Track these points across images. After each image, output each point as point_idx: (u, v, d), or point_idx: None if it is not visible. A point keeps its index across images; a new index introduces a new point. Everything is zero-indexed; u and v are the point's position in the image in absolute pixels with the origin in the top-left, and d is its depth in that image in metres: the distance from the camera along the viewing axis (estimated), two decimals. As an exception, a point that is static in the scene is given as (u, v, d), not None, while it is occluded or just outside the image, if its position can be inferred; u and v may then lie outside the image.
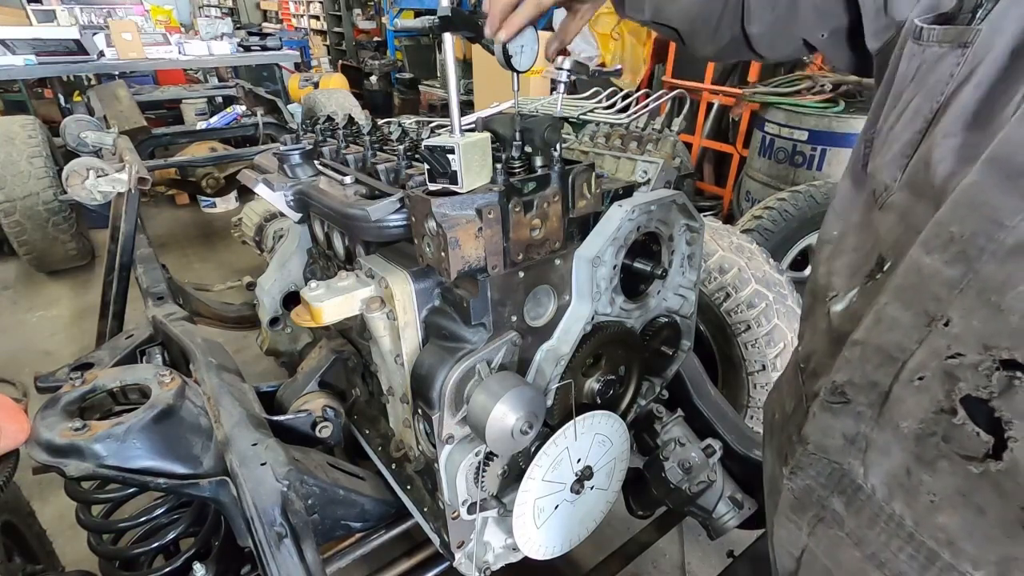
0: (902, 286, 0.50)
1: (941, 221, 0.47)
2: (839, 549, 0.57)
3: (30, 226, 3.37)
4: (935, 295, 0.47)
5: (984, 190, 0.44)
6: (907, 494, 0.50)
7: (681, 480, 1.28)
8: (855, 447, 0.54)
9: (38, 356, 3.04)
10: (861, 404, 0.53)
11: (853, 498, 0.55)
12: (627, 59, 5.26)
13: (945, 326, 0.46)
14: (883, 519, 0.52)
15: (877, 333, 0.52)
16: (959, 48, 0.50)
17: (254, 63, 5.50)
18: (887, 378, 0.51)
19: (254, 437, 1.09)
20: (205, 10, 9.58)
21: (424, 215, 0.87)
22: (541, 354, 1.07)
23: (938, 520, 0.48)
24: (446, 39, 0.88)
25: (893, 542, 0.52)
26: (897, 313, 0.50)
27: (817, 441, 0.58)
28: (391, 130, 1.53)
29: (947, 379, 0.46)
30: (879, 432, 0.52)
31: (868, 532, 0.54)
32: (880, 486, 0.53)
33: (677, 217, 1.13)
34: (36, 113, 5.12)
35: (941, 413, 0.47)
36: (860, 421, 0.54)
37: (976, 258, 0.44)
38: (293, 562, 0.97)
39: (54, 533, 1.52)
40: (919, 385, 0.48)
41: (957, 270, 0.45)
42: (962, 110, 0.49)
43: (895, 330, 0.50)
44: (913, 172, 0.54)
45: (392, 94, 8.42)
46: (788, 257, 2.63)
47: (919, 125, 0.54)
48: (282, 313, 1.57)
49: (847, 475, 0.55)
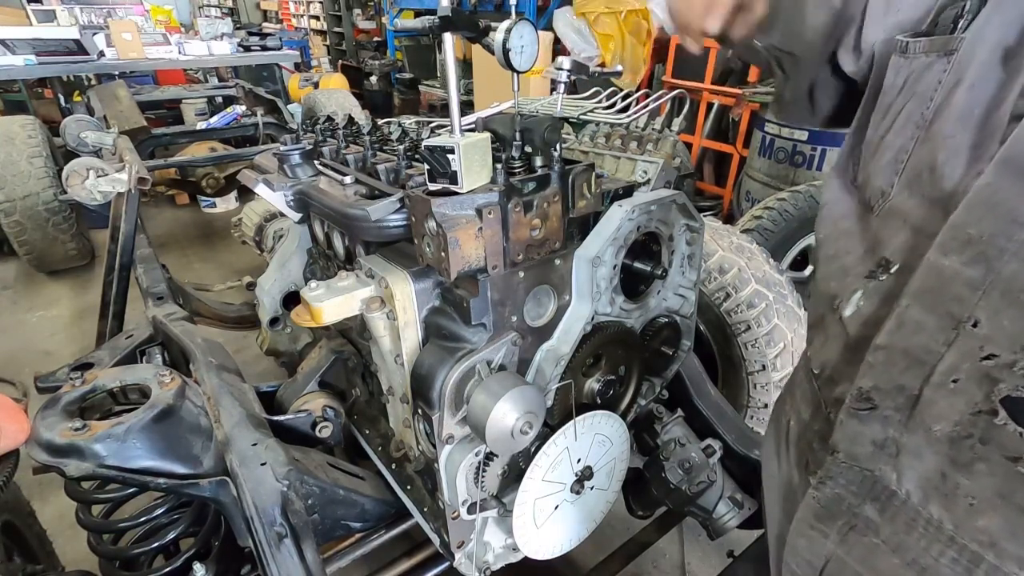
0: (922, 289, 0.50)
1: (957, 223, 0.48)
2: (875, 556, 0.56)
3: (30, 226, 3.36)
4: (957, 297, 0.47)
5: (999, 191, 0.45)
6: (944, 498, 0.50)
7: (681, 480, 1.28)
8: (885, 452, 0.54)
9: (38, 356, 3.04)
10: (889, 409, 0.53)
11: (887, 504, 0.55)
12: (627, 59, 5.26)
13: (974, 327, 0.46)
14: (921, 524, 0.52)
15: (901, 337, 0.52)
16: (945, 56, 0.54)
17: (254, 63, 5.50)
18: (916, 381, 0.51)
19: (254, 437, 1.09)
20: (205, 10, 9.57)
21: (424, 215, 0.87)
22: (541, 354, 1.07)
23: (979, 523, 0.48)
24: (446, 39, 0.88)
25: (934, 547, 0.51)
26: (920, 316, 0.50)
27: (846, 449, 0.58)
28: (391, 130, 1.53)
29: (985, 381, 0.46)
30: (909, 436, 0.52)
31: (906, 538, 0.53)
32: (915, 491, 0.52)
33: (677, 217, 1.13)
34: (36, 113, 5.12)
35: (979, 415, 0.47)
36: (888, 426, 0.53)
37: (996, 258, 0.45)
38: (293, 562, 0.98)
39: (54, 533, 1.52)
40: (953, 388, 0.48)
41: (977, 271, 0.46)
42: (959, 110, 0.51)
43: (920, 333, 0.50)
44: (913, 176, 0.55)
45: (392, 94, 8.41)
46: (788, 257, 2.63)
47: (911, 131, 0.57)
48: (282, 313, 1.57)
49: (879, 481, 0.55)
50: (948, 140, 0.51)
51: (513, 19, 0.90)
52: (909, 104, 0.58)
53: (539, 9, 6.74)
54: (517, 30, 0.91)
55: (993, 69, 0.49)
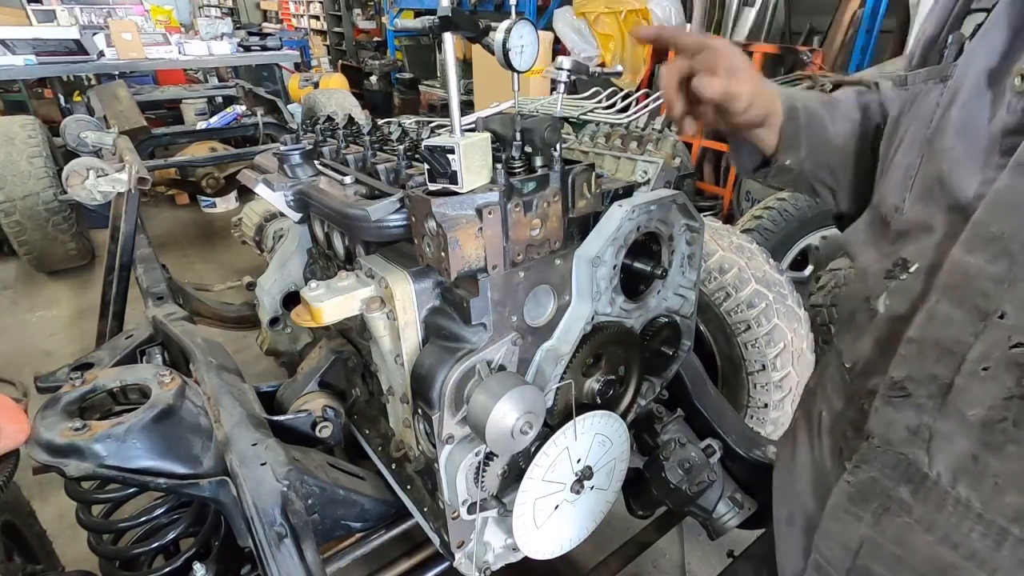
0: (949, 284, 0.55)
1: (979, 222, 0.52)
2: (909, 535, 0.60)
3: (30, 226, 3.37)
4: (983, 291, 0.52)
5: (1018, 191, 0.50)
6: (972, 478, 0.54)
7: (681, 480, 1.29)
8: (919, 437, 0.58)
9: (38, 356, 3.04)
10: (922, 397, 0.57)
11: (920, 486, 0.58)
12: (627, 59, 5.26)
13: (1000, 319, 0.50)
14: (950, 503, 0.56)
15: (931, 329, 0.56)
16: (941, 82, 0.63)
17: (254, 63, 5.50)
18: (948, 370, 0.55)
19: (254, 437, 1.09)
20: (205, 10, 9.57)
21: (424, 215, 0.87)
22: (541, 354, 1.07)
23: (1005, 500, 0.52)
24: (446, 39, 0.88)
25: (964, 523, 0.55)
26: (948, 310, 0.55)
27: (882, 434, 0.62)
28: (391, 130, 1.53)
29: (1015, 368, 0.50)
30: (942, 422, 0.56)
31: (938, 516, 0.57)
32: (945, 472, 0.56)
33: (677, 217, 1.13)
34: (36, 113, 5.12)
35: (1011, 399, 0.50)
36: (922, 413, 0.57)
37: (1019, 253, 0.49)
38: (293, 562, 0.98)
39: (54, 533, 1.52)
40: (984, 375, 0.52)
41: (1001, 267, 0.50)
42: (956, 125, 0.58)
43: (950, 326, 0.54)
44: (923, 189, 0.63)
45: (392, 94, 8.42)
46: (788, 257, 2.63)
47: (916, 150, 0.65)
48: (282, 313, 1.57)
49: (912, 464, 0.59)
50: (950, 152, 0.58)
51: (513, 19, 0.90)
52: (912, 127, 0.66)
53: (539, 9, 6.74)
54: (517, 30, 0.91)
55: (981, 88, 0.57)
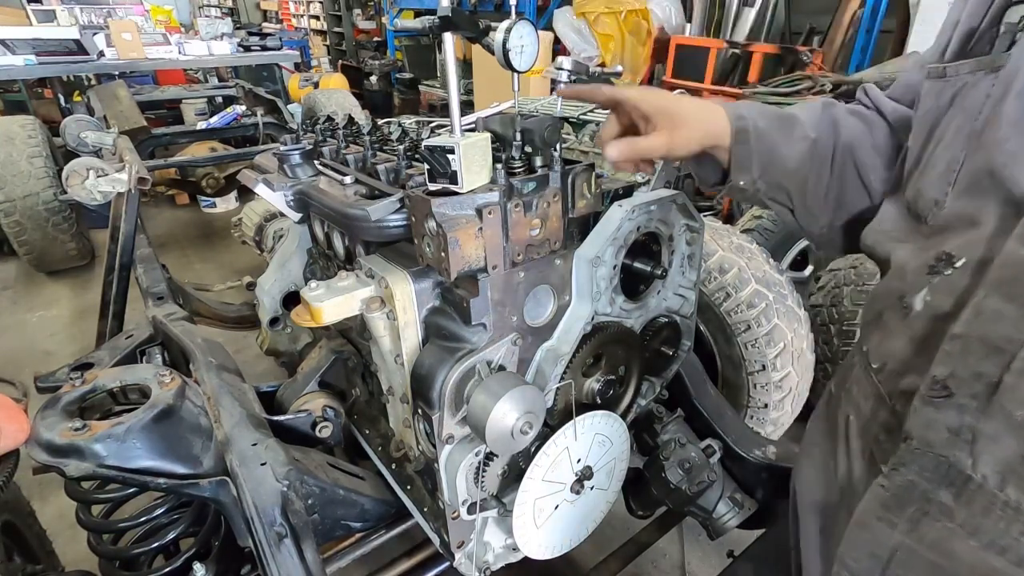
0: (1001, 279, 0.53)
1: None
2: (950, 541, 0.57)
3: (30, 226, 3.37)
4: None
5: None
6: (1022, 480, 0.52)
7: (681, 480, 1.29)
8: (961, 439, 0.55)
9: (38, 356, 3.04)
10: (964, 396, 0.55)
11: (963, 489, 0.56)
12: (627, 59, 5.26)
13: None
14: (998, 507, 0.53)
15: (979, 325, 0.54)
16: (992, 73, 0.60)
17: (254, 63, 5.50)
18: (996, 368, 0.52)
19: (254, 437, 1.09)
20: (205, 10, 9.58)
21: (424, 215, 0.87)
22: (541, 354, 1.07)
23: None
24: (446, 39, 0.88)
25: (1013, 527, 0.52)
26: (999, 306, 0.52)
27: (920, 436, 0.59)
28: (391, 130, 1.53)
29: None
30: (987, 422, 0.53)
31: (984, 521, 0.54)
32: (992, 475, 0.53)
33: (677, 217, 1.13)
34: (36, 113, 5.11)
35: None
36: (964, 413, 0.55)
37: None
38: (293, 562, 0.97)
39: (54, 533, 1.52)
40: None
41: None
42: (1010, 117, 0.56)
43: (1000, 322, 0.52)
44: (970, 182, 0.60)
45: (392, 94, 8.41)
46: (788, 257, 2.63)
47: (961, 143, 0.62)
48: (282, 313, 1.57)
49: (954, 467, 0.56)
50: (1003, 144, 0.55)
51: (513, 19, 0.90)
52: (958, 119, 0.63)
53: (539, 9, 6.75)
54: (517, 30, 0.91)
55: None
